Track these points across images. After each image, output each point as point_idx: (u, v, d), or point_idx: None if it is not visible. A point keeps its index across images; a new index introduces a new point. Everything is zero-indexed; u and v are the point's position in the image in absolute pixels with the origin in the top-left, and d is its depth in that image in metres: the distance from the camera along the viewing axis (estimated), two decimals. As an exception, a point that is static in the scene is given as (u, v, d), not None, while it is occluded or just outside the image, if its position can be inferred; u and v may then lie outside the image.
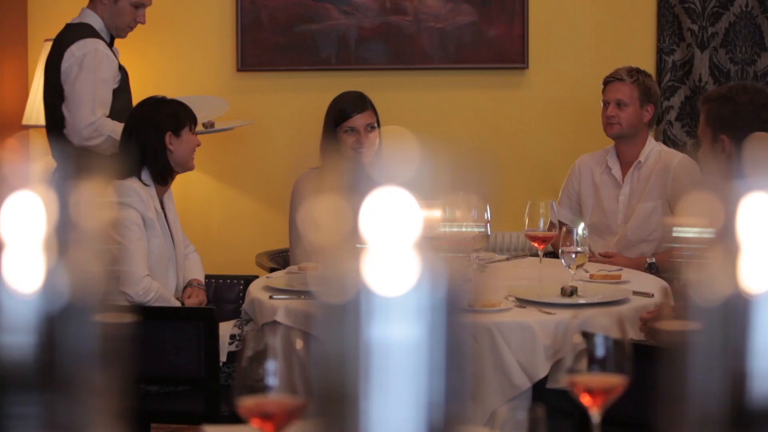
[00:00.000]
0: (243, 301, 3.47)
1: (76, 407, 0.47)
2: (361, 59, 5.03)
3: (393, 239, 0.43)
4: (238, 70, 4.99)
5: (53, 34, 4.90)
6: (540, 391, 3.00)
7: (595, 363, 1.71)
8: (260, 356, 1.52)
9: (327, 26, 5.01)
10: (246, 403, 1.52)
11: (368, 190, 0.44)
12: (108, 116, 4.05)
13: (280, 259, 4.16)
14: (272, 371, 1.53)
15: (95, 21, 4.18)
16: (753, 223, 0.49)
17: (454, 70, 5.05)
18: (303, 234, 3.47)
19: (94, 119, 3.99)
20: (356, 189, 0.44)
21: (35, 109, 4.78)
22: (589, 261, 3.39)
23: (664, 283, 3.41)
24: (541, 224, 3.39)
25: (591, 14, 5.03)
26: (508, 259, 3.99)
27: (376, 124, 4.04)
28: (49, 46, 4.81)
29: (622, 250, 4.04)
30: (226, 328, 3.42)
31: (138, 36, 4.37)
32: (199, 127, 4.46)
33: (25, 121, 4.84)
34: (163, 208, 3.53)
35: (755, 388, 0.44)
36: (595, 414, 1.69)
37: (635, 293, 3.24)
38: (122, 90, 4.14)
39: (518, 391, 2.96)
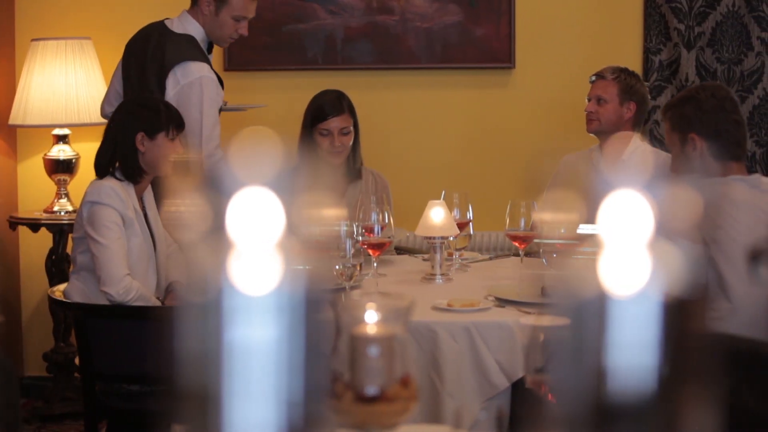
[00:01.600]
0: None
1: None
2: (347, 59, 5.03)
3: (256, 239, 0.44)
4: (225, 69, 4.99)
5: (40, 35, 4.90)
6: (519, 390, 3.00)
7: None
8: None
9: (314, 26, 5.02)
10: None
11: (232, 187, 0.44)
12: None
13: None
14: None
15: (197, 31, 4.02)
16: (616, 222, 0.49)
17: (441, 69, 5.05)
18: (170, 232, 3.44)
19: (206, 153, 3.83)
20: (222, 187, 0.44)
21: (22, 109, 4.78)
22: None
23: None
24: (522, 224, 3.39)
25: (578, 14, 5.03)
26: (491, 259, 3.99)
27: (351, 128, 4.05)
28: (36, 46, 4.82)
29: (606, 249, 4.05)
30: (207, 328, 3.42)
31: (125, 35, 4.36)
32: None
33: (11, 121, 4.84)
34: (143, 206, 3.53)
35: (615, 384, 0.44)
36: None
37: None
38: None
39: (497, 390, 2.97)
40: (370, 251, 3.34)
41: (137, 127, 3.44)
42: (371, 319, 1.55)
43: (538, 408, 0.47)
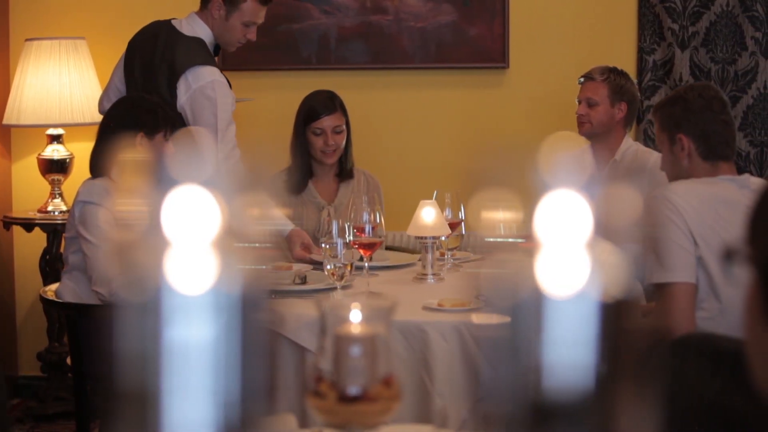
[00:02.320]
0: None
1: None
2: (341, 59, 5.03)
3: (195, 238, 0.44)
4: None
5: (35, 35, 4.90)
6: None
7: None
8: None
9: (308, 26, 5.02)
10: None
11: (171, 187, 0.44)
12: None
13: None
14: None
15: (205, 33, 3.99)
16: (555, 222, 0.49)
17: (435, 69, 5.05)
18: (109, 233, 3.42)
19: (223, 156, 3.78)
20: (161, 186, 0.45)
21: (16, 109, 4.78)
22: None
23: (638, 283, 3.41)
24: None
25: (572, 14, 5.03)
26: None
27: (344, 126, 4.08)
28: (30, 46, 4.82)
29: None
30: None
31: (119, 35, 4.36)
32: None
33: (5, 121, 4.84)
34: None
35: (552, 382, 0.44)
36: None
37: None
38: None
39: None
40: (362, 251, 3.34)
41: (138, 127, 3.43)
42: (354, 319, 1.56)
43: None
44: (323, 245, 3.21)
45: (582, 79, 4.22)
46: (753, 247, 1.10)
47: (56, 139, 4.87)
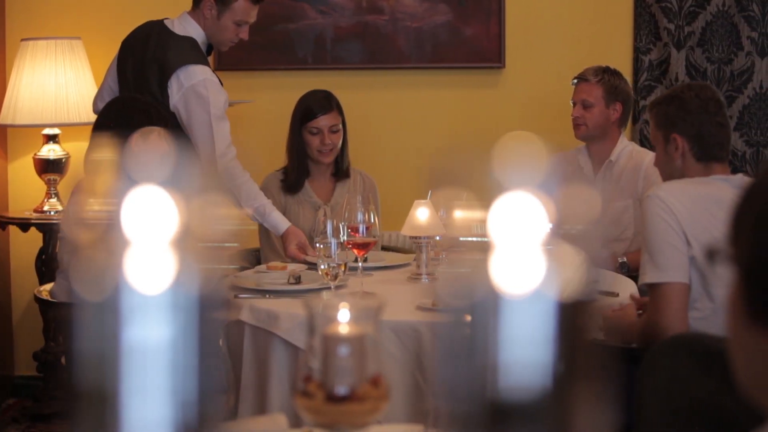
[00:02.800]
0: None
1: None
2: (337, 59, 5.03)
3: (152, 236, 0.44)
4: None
5: (30, 34, 4.90)
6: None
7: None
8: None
9: (304, 26, 5.02)
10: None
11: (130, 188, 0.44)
12: None
13: (252, 258, 4.17)
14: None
15: (197, 33, 3.99)
16: (505, 222, 0.49)
17: (431, 69, 5.05)
18: (67, 233, 3.38)
19: (219, 153, 3.79)
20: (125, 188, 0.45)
21: (12, 109, 4.78)
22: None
23: (632, 283, 3.42)
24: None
25: (568, 13, 5.03)
26: (478, 259, 3.99)
27: (340, 126, 4.08)
28: (26, 46, 4.82)
29: (594, 249, 4.04)
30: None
31: (115, 35, 4.36)
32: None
33: (1, 121, 4.84)
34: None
35: (508, 381, 0.44)
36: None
37: (600, 292, 3.24)
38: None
39: (481, 390, 2.96)
40: (356, 251, 3.34)
41: (131, 127, 3.43)
42: (343, 318, 1.56)
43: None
44: (317, 245, 3.21)
45: (575, 80, 4.22)
46: (735, 246, 1.10)
47: (52, 138, 4.87)
